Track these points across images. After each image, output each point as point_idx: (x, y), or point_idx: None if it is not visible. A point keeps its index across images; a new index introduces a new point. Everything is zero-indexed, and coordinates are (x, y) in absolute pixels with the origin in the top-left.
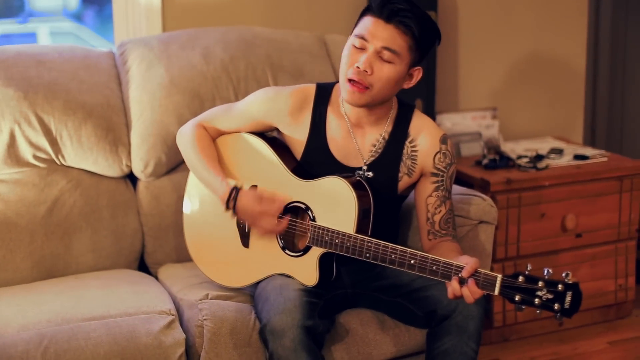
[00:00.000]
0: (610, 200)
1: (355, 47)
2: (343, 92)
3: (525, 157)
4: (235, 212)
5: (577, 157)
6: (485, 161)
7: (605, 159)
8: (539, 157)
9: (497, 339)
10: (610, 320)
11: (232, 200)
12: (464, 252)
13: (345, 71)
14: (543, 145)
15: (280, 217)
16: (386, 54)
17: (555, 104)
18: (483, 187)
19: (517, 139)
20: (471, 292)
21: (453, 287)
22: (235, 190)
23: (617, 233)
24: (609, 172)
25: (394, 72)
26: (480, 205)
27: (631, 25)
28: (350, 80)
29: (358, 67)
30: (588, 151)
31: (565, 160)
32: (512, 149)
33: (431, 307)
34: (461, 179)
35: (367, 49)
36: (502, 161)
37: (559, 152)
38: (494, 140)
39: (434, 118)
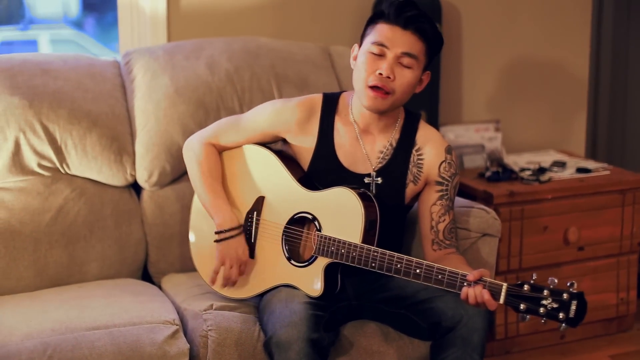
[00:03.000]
0: (612, 214)
1: (373, 54)
2: (363, 99)
3: (528, 169)
4: (219, 242)
5: (580, 170)
6: (488, 173)
7: (607, 172)
8: (541, 170)
9: (499, 351)
10: (612, 334)
11: (230, 234)
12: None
13: (364, 78)
14: (546, 158)
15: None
16: (406, 60)
17: (558, 117)
18: (486, 199)
19: (519, 152)
20: (476, 294)
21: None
22: (240, 229)
23: (619, 246)
24: (611, 185)
25: (412, 77)
26: (484, 217)
27: (633, 38)
28: (372, 87)
29: (380, 74)
30: (590, 164)
31: (568, 173)
32: (515, 161)
33: (435, 319)
34: (464, 191)
35: (387, 55)
36: (504, 174)
37: (561, 165)
38: (497, 153)
39: (437, 130)
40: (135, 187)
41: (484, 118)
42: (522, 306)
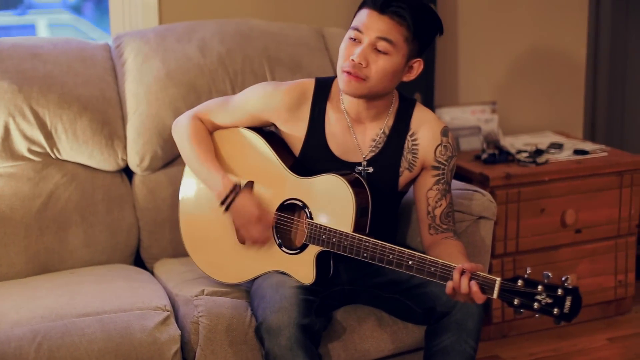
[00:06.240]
0: (610, 196)
1: (351, 39)
2: (340, 83)
3: (525, 151)
4: (228, 210)
5: (577, 152)
6: (484, 156)
7: (605, 153)
8: (538, 152)
9: (495, 335)
10: (610, 317)
11: (230, 197)
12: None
13: (340, 64)
14: (543, 140)
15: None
16: (381, 45)
17: (555, 98)
18: (482, 182)
19: (516, 134)
20: (471, 289)
21: (454, 279)
22: (237, 187)
23: (617, 229)
24: (609, 167)
25: (389, 63)
26: (480, 200)
27: (632, 19)
28: (346, 73)
29: (353, 60)
30: (588, 146)
31: (565, 155)
32: (512, 143)
33: (430, 304)
34: (460, 174)
35: (362, 41)
36: (501, 156)
37: (558, 146)
38: (494, 135)
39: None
40: (126, 172)
41: (481, 100)
42: (515, 301)
